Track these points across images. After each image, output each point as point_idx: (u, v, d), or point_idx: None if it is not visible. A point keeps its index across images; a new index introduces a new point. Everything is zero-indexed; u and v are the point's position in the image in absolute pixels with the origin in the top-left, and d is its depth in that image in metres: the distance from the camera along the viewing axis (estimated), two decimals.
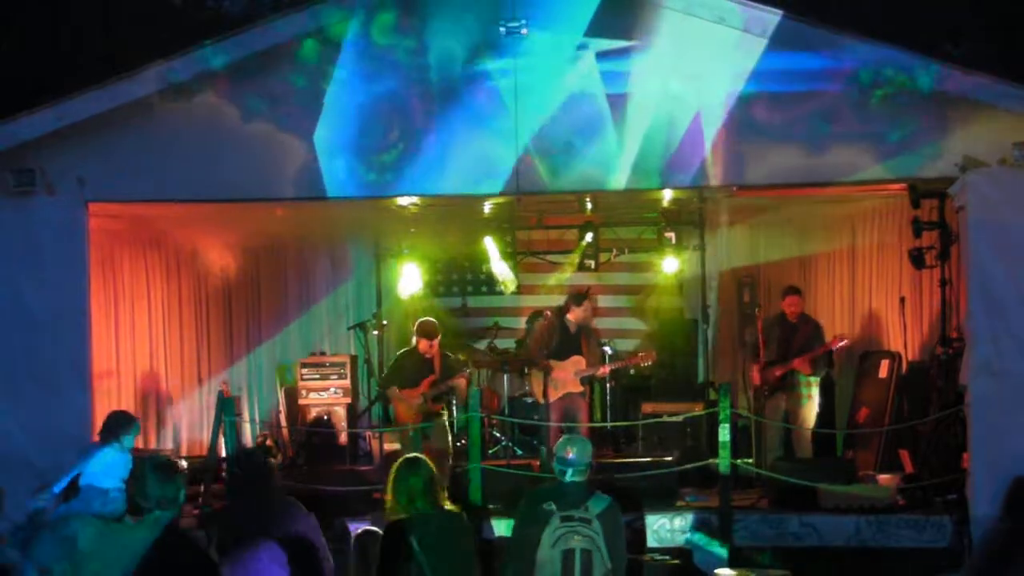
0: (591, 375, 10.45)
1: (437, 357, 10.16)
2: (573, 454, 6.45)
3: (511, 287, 12.65)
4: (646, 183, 8.92)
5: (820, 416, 10.47)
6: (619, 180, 8.76)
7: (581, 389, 10.32)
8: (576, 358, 10.27)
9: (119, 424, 8.36)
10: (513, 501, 7.29)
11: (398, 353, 10.79)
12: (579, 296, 10.53)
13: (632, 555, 8.40)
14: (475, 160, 8.76)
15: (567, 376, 10.20)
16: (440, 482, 6.37)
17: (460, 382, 10.15)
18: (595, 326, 11.14)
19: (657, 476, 9.25)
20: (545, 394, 10.18)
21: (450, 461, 10.09)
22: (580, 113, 8.69)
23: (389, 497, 6.24)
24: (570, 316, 10.40)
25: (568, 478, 6.42)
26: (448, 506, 6.27)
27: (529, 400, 11.55)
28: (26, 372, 8.67)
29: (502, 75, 8.62)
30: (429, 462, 6.32)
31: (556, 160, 8.73)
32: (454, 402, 11.28)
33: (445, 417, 10.34)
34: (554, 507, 6.24)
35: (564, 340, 10.35)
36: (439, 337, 10.21)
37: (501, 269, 12.43)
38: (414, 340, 10.27)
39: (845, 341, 10.49)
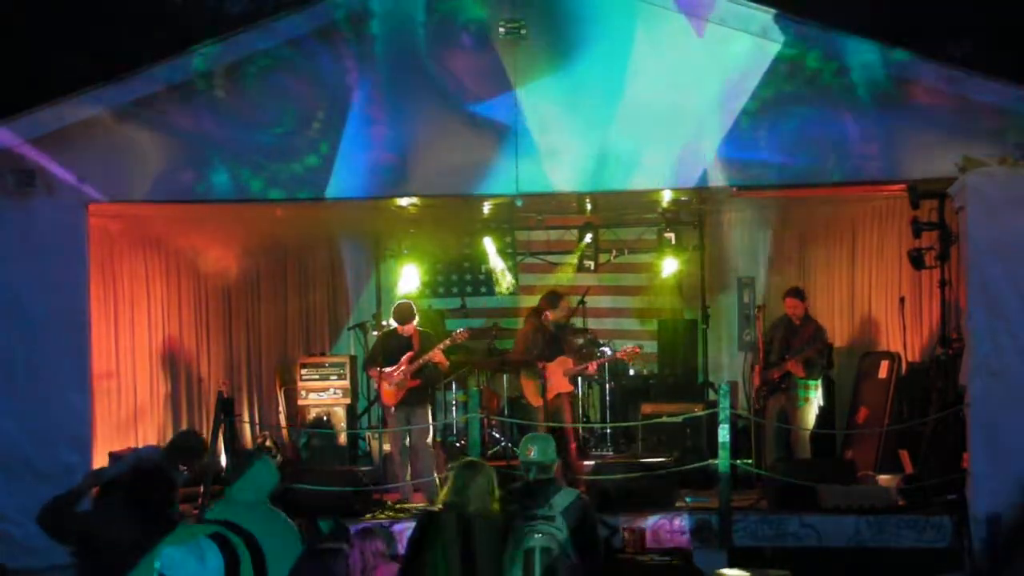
0: (580, 373, 10.48)
1: (415, 336, 10.27)
2: (534, 453, 6.45)
3: (504, 286, 12.66)
4: (651, 183, 8.96)
5: (820, 417, 10.46)
6: (626, 180, 8.81)
7: (571, 389, 10.38)
8: (562, 358, 10.33)
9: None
10: None
11: (379, 334, 10.88)
12: (554, 297, 10.59)
13: (633, 555, 8.48)
14: (477, 160, 8.78)
15: (557, 377, 10.24)
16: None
17: (436, 355, 10.17)
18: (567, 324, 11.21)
19: (657, 477, 9.24)
20: (544, 395, 10.20)
21: (434, 460, 10.14)
22: (584, 113, 8.71)
23: (445, 494, 6.28)
24: (548, 317, 10.44)
25: (532, 476, 6.42)
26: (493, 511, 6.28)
27: (525, 403, 11.54)
28: (26, 372, 8.68)
29: (504, 73, 8.65)
30: (488, 465, 6.37)
31: (559, 160, 8.76)
32: (447, 384, 11.39)
33: (430, 411, 10.37)
34: (517, 507, 6.24)
35: (547, 342, 10.39)
36: (415, 320, 10.30)
37: (500, 268, 12.45)
38: (392, 322, 10.38)
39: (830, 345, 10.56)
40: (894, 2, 17.01)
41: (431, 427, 10.34)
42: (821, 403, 10.46)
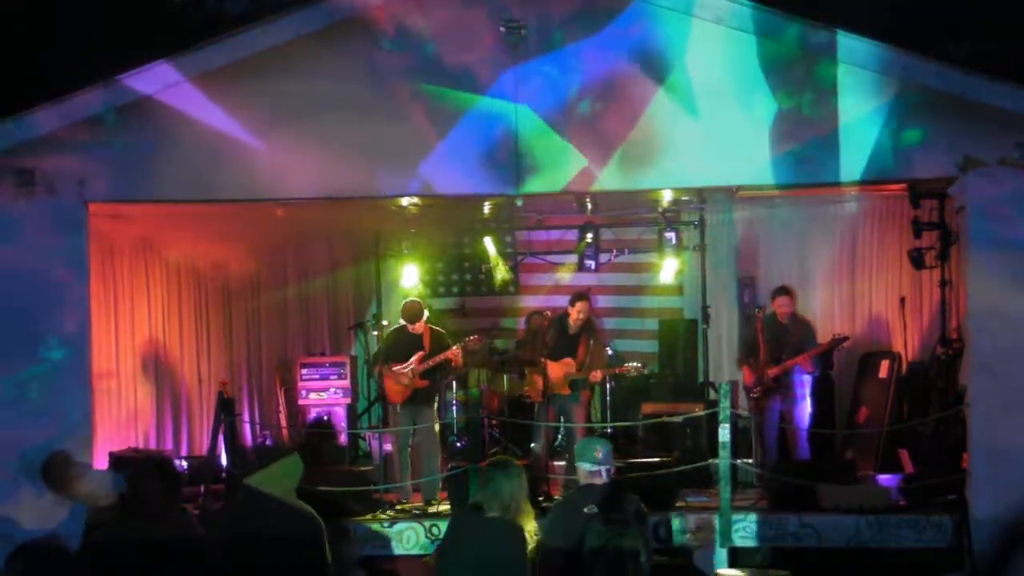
0: (580, 379, 10.36)
1: (427, 334, 10.24)
2: (603, 454, 6.42)
3: (499, 278, 12.70)
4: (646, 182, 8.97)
5: (817, 416, 10.46)
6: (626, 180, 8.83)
7: (566, 392, 10.25)
8: (567, 360, 10.25)
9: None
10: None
11: (388, 331, 10.84)
12: (573, 296, 10.55)
13: None
14: (476, 159, 8.79)
15: (557, 377, 10.21)
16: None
17: (453, 354, 10.15)
18: (600, 328, 11.12)
19: (657, 476, 9.24)
20: (545, 393, 10.18)
21: (439, 460, 10.13)
22: (585, 112, 8.73)
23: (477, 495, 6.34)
24: (569, 318, 10.41)
25: (601, 480, 6.38)
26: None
27: (528, 401, 11.54)
28: (26, 372, 8.68)
29: (505, 74, 8.66)
30: (520, 467, 6.38)
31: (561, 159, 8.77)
32: (447, 384, 11.41)
33: (436, 410, 10.35)
34: (595, 509, 6.18)
35: (561, 341, 10.34)
36: (424, 318, 10.27)
37: (494, 254, 12.49)
38: (402, 320, 10.36)
39: (848, 339, 10.57)
40: (894, 2, 17.00)
41: (436, 426, 10.32)
42: (812, 400, 10.45)
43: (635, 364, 10.78)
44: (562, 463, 10.65)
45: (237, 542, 6.11)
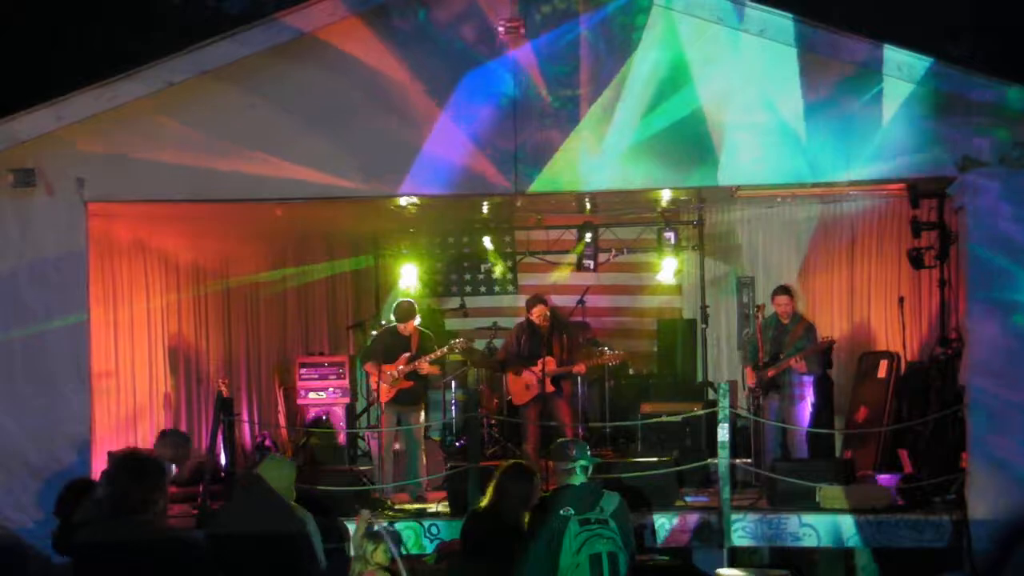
0: (562, 374, 10.42)
1: (415, 335, 10.29)
2: (576, 453, 6.40)
3: (500, 277, 12.72)
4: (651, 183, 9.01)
5: (817, 416, 10.47)
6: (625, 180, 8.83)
7: (552, 390, 10.33)
8: (548, 359, 10.35)
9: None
10: None
11: (377, 331, 10.87)
12: (528, 299, 10.71)
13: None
14: (471, 158, 8.79)
15: (538, 377, 10.28)
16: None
17: (423, 367, 10.17)
18: (571, 323, 11.21)
19: (656, 476, 9.23)
20: (542, 388, 10.23)
21: (421, 462, 10.15)
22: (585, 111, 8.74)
23: (487, 500, 6.34)
24: (533, 318, 10.56)
25: (577, 480, 6.37)
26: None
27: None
28: (26, 371, 8.68)
29: (505, 74, 8.66)
30: (533, 472, 6.41)
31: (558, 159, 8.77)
32: (447, 383, 11.59)
33: (423, 411, 10.39)
34: (571, 512, 6.16)
35: (534, 342, 10.44)
36: (415, 319, 10.33)
37: (492, 249, 12.54)
38: (393, 319, 10.38)
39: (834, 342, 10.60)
40: (894, 2, 17.01)
41: (424, 428, 10.35)
42: (814, 400, 10.46)
43: (613, 352, 10.96)
44: None
45: (236, 537, 6.18)
